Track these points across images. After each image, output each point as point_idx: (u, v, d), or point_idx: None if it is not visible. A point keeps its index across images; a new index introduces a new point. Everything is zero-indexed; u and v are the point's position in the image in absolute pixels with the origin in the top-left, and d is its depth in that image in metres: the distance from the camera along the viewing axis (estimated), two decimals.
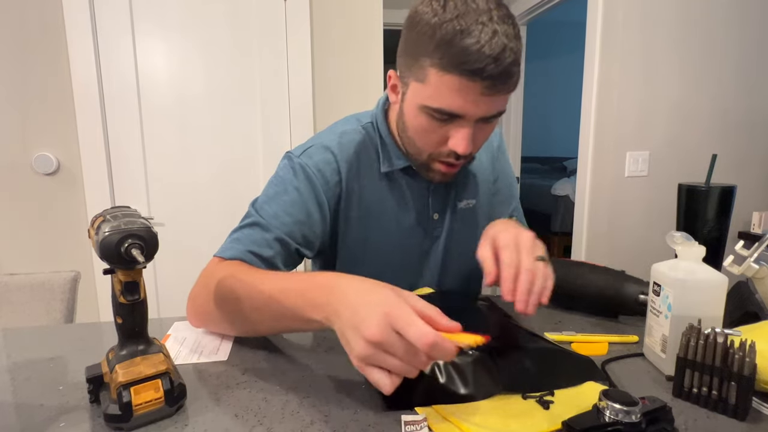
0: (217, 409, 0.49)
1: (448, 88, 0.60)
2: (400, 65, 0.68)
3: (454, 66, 0.58)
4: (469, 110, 0.62)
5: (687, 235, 0.57)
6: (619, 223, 2.18)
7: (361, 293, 0.46)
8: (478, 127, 0.65)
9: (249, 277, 0.60)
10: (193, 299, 0.68)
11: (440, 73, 0.59)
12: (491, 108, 0.62)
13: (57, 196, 1.71)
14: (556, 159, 5.89)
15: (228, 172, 1.83)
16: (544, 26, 5.20)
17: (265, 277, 0.60)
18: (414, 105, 0.66)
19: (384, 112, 0.80)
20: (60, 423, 0.47)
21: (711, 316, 0.54)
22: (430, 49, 0.59)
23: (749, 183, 2.24)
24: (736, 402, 0.47)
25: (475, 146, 0.67)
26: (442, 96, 0.61)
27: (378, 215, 0.79)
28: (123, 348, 0.48)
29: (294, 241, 0.72)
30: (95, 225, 0.46)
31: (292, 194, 0.73)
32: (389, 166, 0.77)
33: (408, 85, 0.66)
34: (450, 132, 0.65)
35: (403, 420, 0.46)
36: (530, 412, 0.48)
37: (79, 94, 1.67)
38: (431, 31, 0.59)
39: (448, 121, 0.64)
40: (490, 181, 0.89)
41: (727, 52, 2.13)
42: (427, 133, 0.67)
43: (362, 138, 0.79)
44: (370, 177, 0.78)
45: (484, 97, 0.60)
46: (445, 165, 0.70)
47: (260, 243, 0.69)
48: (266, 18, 1.79)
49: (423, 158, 0.71)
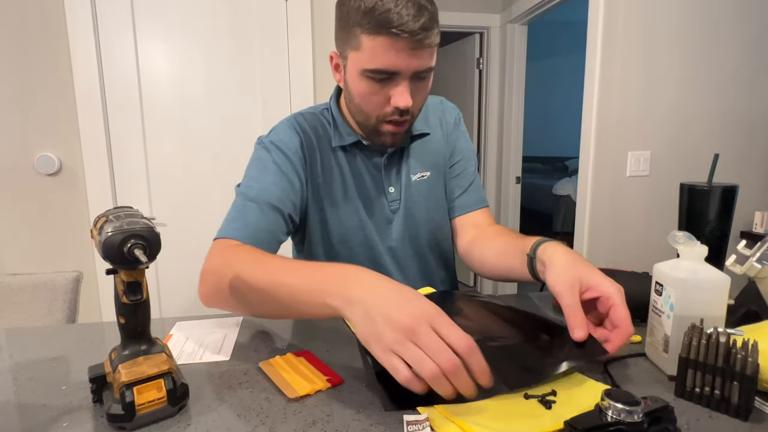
0: (220, 408, 0.49)
1: (380, 47, 0.68)
2: (338, 41, 0.76)
3: (381, 27, 0.66)
4: (401, 65, 0.70)
5: (689, 234, 0.57)
6: (621, 222, 2.18)
7: (395, 286, 0.49)
8: (414, 85, 0.73)
9: (259, 263, 0.63)
10: (202, 291, 0.70)
11: (371, 37, 0.68)
12: (420, 62, 0.71)
13: (59, 197, 1.72)
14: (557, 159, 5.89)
15: (229, 172, 1.83)
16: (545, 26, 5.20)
17: (276, 262, 0.62)
18: (355, 73, 0.73)
19: (336, 98, 0.88)
20: (63, 423, 0.47)
21: (713, 316, 0.54)
22: (359, 19, 0.68)
23: (751, 182, 2.24)
24: (739, 402, 0.47)
25: (415, 103, 0.74)
26: (376, 57, 0.69)
27: (338, 186, 0.85)
28: (126, 348, 0.49)
29: (285, 207, 0.79)
30: (98, 225, 0.46)
31: (272, 167, 0.80)
32: (340, 141, 0.85)
33: (347, 58, 0.74)
34: (390, 91, 0.73)
35: (406, 420, 0.46)
36: (533, 411, 0.48)
37: (81, 94, 1.67)
38: (358, 3, 0.68)
39: (386, 80, 0.72)
40: (444, 154, 0.93)
41: (729, 52, 2.13)
42: (370, 96, 0.74)
43: (318, 119, 0.88)
44: (326, 150, 0.85)
45: (412, 51, 0.69)
46: (392, 125, 0.77)
47: (257, 216, 0.75)
48: (267, 17, 1.79)
49: (372, 122, 0.78)
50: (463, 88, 3.39)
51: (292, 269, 0.59)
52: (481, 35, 3.20)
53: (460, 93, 3.40)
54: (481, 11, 3.11)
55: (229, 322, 0.73)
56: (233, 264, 0.65)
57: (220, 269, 0.67)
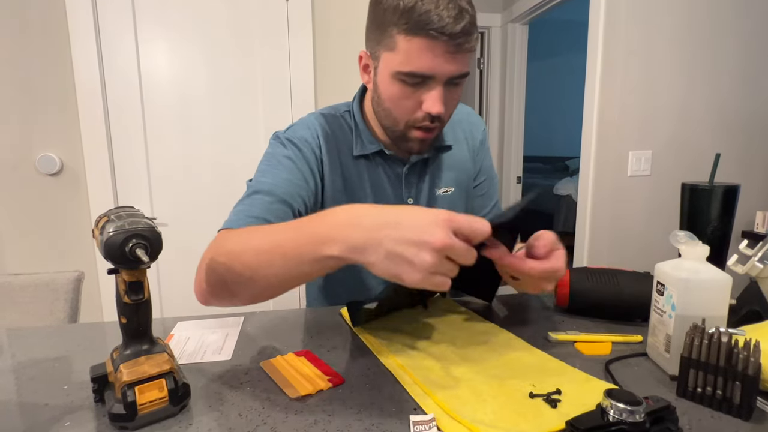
0: (221, 408, 0.49)
1: (417, 49, 0.66)
2: (370, 41, 0.73)
3: (420, 28, 0.64)
4: (437, 69, 0.67)
5: (691, 234, 0.57)
6: (622, 222, 2.18)
7: (393, 210, 0.49)
8: (447, 90, 0.71)
9: (248, 234, 0.60)
10: (198, 274, 0.65)
11: (407, 38, 0.66)
12: (457, 67, 0.68)
13: (60, 197, 1.72)
14: (558, 158, 5.88)
15: (230, 172, 1.83)
16: (547, 26, 5.20)
17: (264, 228, 0.60)
18: (387, 74, 0.71)
19: (359, 102, 0.85)
20: (65, 422, 0.47)
21: (715, 316, 0.54)
22: (396, 18, 0.66)
23: (753, 182, 2.24)
24: (741, 401, 0.47)
25: (446, 109, 0.72)
26: (411, 59, 0.67)
27: (355, 194, 0.83)
28: (127, 348, 0.49)
29: (295, 202, 0.74)
30: (99, 225, 0.46)
31: (286, 163, 0.77)
32: (361, 150, 0.82)
33: (379, 59, 0.72)
34: (422, 96, 0.70)
35: (412, 420, 0.46)
36: (538, 410, 0.48)
37: (83, 94, 1.67)
38: (396, 2, 0.66)
39: (419, 84, 0.69)
40: (470, 171, 0.92)
41: (730, 51, 2.13)
42: (401, 100, 0.72)
43: (339, 121, 0.85)
44: (347, 157, 0.83)
45: (449, 56, 0.66)
46: (421, 131, 0.75)
47: (265, 208, 0.71)
48: (268, 19, 1.79)
49: (400, 128, 0.76)
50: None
51: (279, 230, 0.56)
52: (482, 35, 3.20)
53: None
54: (482, 11, 3.11)
55: (231, 321, 0.73)
56: (225, 244, 0.61)
57: (213, 255, 0.61)
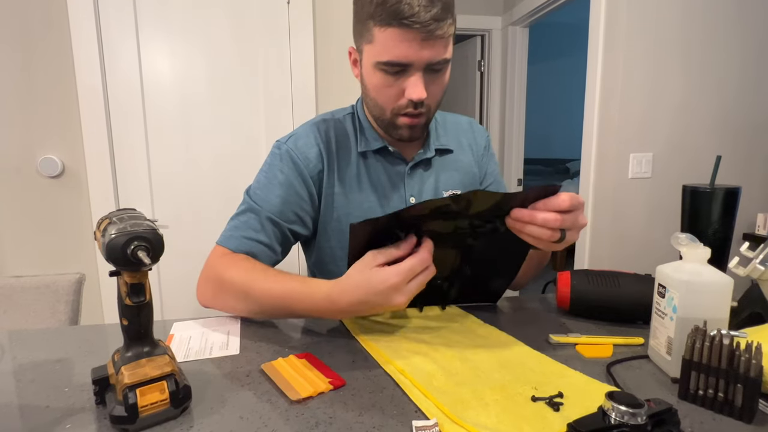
0: (223, 410, 0.49)
1: (392, 39, 0.68)
2: (355, 36, 0.77)
3: (392, 18, 0.67)
4: (413, 57, 0.69)
5: (692, 236, 0.57)
6: (623, 224, 2.18)
7: (351, 281, 0.60)
8: (429, 77, 0.73)
9: (257, 281, 0.70)
10: (202, 292, 0.77)
11: (382, 29, 0.69)
12: (432, 53, 0.70)
13: (62, 199, 1.72)
14: (558, 161, 5.88)
15: (232, 174, 1.84)
16: (547, 28, 5.21)
17: (272, 279, 0.70)
18: (369, 66, 0.74)
19: (363, 102, 0.87)
20: (66, 425, 0.47)
21: (716, 318, 0.54)
22: (372, 11, 0.69)
23: (754, 184, 2.23)
24: (743, 404, 0.47)
25: (430, 95, 0.74)
26: (387, 49, 0.69)
27: (357, 193, 0.85)
28: (128, 350, 0.49)
29: (286, 221, 0.80)
30: (101, 227, 0.46)
31: (279, 177, 0.81)
32: (365, 146, 0.85)
33: (362, 51, 0.75)
34: (403, 84, 0.73)
35: (414, 425, 0.46)
36: (541, 414, 0.48)
37: (84, 97, 1.68)
38: None
39: (400, 73, 0.72)
40: (476, 176, 0.95)
41: (731, 53, 2.13)
42: (384, 89, 0.75)
43: (340, 125, 0.88)
44: (348, 157, 0.86)
45: (423, 42, 0.68)
46: (407, 117, 0.77)
47: (256, 228, 0.79)
48: (269, 20, 1.80)
49: (387, 116, 0.78)
50: (464, 90, 3.39)
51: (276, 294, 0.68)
52: (483, 38, 3.21)
53: (462, 95, 3.41)
54: (483, 14, 3.12)
55: (231, 322, 0.73)
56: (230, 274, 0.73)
57: (218, 278, 0.74)
